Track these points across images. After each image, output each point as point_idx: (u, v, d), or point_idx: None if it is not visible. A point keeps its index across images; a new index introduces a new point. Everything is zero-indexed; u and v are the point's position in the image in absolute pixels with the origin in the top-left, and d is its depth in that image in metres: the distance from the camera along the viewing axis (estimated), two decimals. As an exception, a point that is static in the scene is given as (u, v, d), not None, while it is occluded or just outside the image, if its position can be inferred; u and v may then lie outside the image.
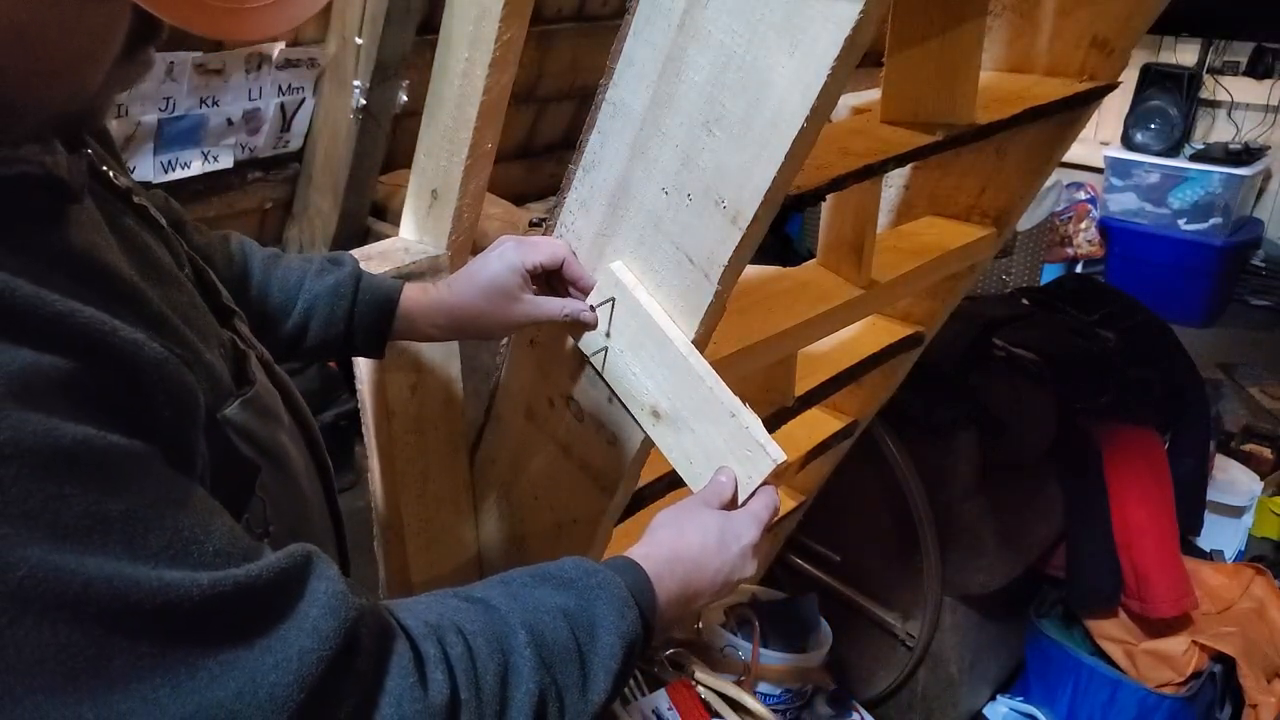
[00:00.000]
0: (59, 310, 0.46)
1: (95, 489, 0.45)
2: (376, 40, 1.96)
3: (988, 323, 1.97)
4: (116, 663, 0.44)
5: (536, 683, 0.60)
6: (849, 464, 1.73)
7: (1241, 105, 4.18)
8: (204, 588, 0.47)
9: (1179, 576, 1.96)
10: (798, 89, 0.70)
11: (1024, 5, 1.26)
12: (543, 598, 0.65)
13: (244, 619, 0.49)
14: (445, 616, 0.60)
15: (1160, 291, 3.59)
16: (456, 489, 1.23)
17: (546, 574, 0.68)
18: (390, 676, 0.54)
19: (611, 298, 0.91)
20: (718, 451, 0.85)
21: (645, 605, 0.68)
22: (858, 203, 1.13)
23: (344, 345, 0.94)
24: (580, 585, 0.66)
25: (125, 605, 0.44)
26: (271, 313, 0.91)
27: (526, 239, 0.93)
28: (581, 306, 0.92)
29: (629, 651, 0.65)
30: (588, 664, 0.63)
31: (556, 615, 0.63)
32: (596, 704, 0.63)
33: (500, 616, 0.62)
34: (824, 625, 1.78)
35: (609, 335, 0.92)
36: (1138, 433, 2.05)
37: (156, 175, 1.91)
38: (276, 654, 0.49)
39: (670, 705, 1.53)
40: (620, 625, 0.65)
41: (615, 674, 0.64)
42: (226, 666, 0.47)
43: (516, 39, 1.01)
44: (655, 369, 0.89)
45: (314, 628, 0.50)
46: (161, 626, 0.45)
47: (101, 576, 0.44)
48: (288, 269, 0.93)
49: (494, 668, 0.59)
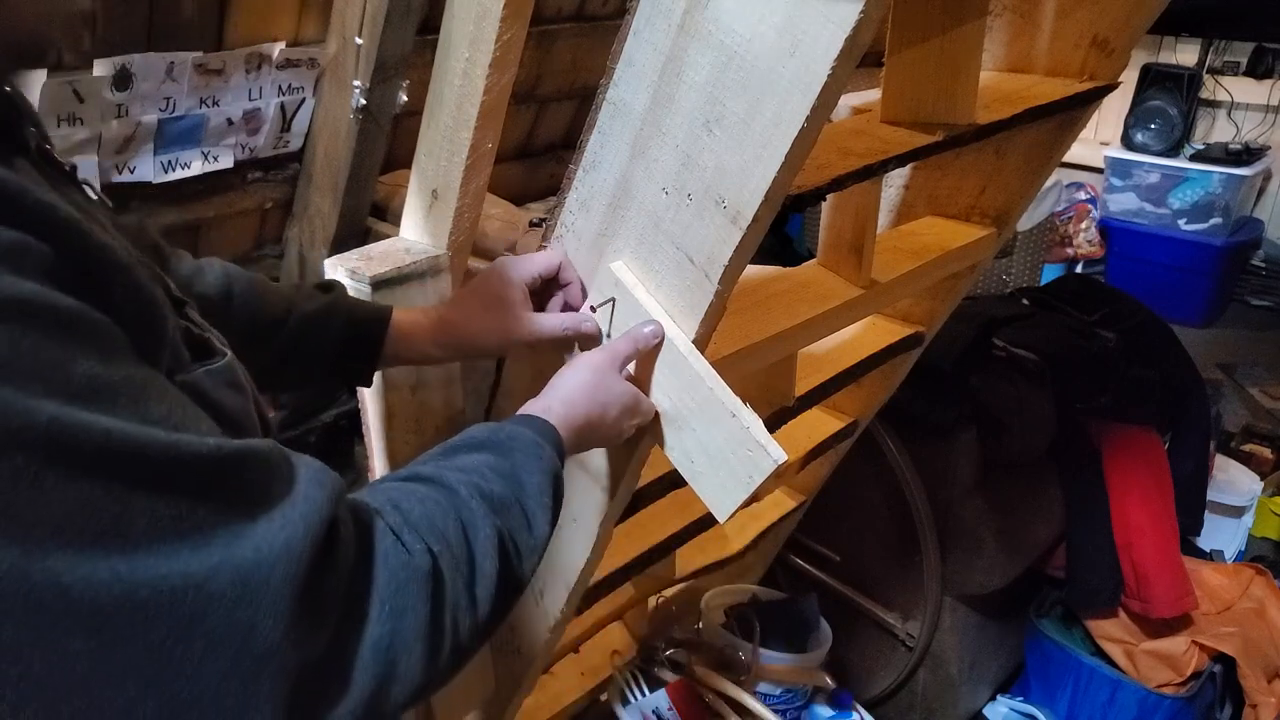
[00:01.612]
0: (41, 200, 0.47)
1: (94, 355, 0.46)
2: (376, 40, 1.96)
3: (988, 323, 1.97)
4: (139, 522, 0.45)
5: (492, 526, 0.66)
6: (849, 464, 1.73)
7: (1241, 105, 4.18)
8: (211, 448, 0.48)
9: (1179, 576, 1.97)
10: (798, 89, 0.70)
11: (1024, 5, 1.26)
12: (466, 461, 0.71)
13: (251, 482, 0.50)
14: (394, 492, 0.65)
15: (1160, 291, 3.60)
16: (456, 489, 1.23)
17: (459, 444, 0.73)
18: (375, 540, 0.58)
19: (612, 298, 0.91)
20: (718, 450, 0.85)
21: (552, 440, 0.76)
22: (858, 203, 1.13)
23: (332, 368, 0.93)
24: (494, 442, 0.73)
25: (144, 460, 0.45)
26: (259, 332, 0.88)
27: (523, 256, 0.95)
28: (582, 319, 0.93)
29: (555, 484, 0.73)
30: (525, 505, 0.70)
31: (484, 471, 0.69)
32: (542, 538, 0.71)
33: (439, 481, 0.67)
34: (824, 625, 1.78)
35: (609, 335, 0.92)
36: (1138, 433, 2.06)
37: (156, 175, 1.91)
38: (283, 516, 0.50)
39: (670, 705, 1.53)
40: (542, 462, 0.73)
41: (549, 507, 0.72)
42: (242, 526, 0.48)
43: (516, 39, 1.01)
44: (656, 368, 0.89)
45: (307, 494, 0.53)
46: (178, 484, 0.47)
47: (119, 430, 0.44)
48: (275, 291, 0.91)
49: (452, 522, 0.64)
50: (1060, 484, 2.04)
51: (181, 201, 2.01)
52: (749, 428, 0.83)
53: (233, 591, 0.47)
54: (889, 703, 2.04)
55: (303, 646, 0.50)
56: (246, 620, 0.47)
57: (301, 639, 0.50)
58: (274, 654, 0.48)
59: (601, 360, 0.85)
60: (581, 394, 0.83)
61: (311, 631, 0.51)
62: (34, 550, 0.42)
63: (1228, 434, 2.91)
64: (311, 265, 2.29)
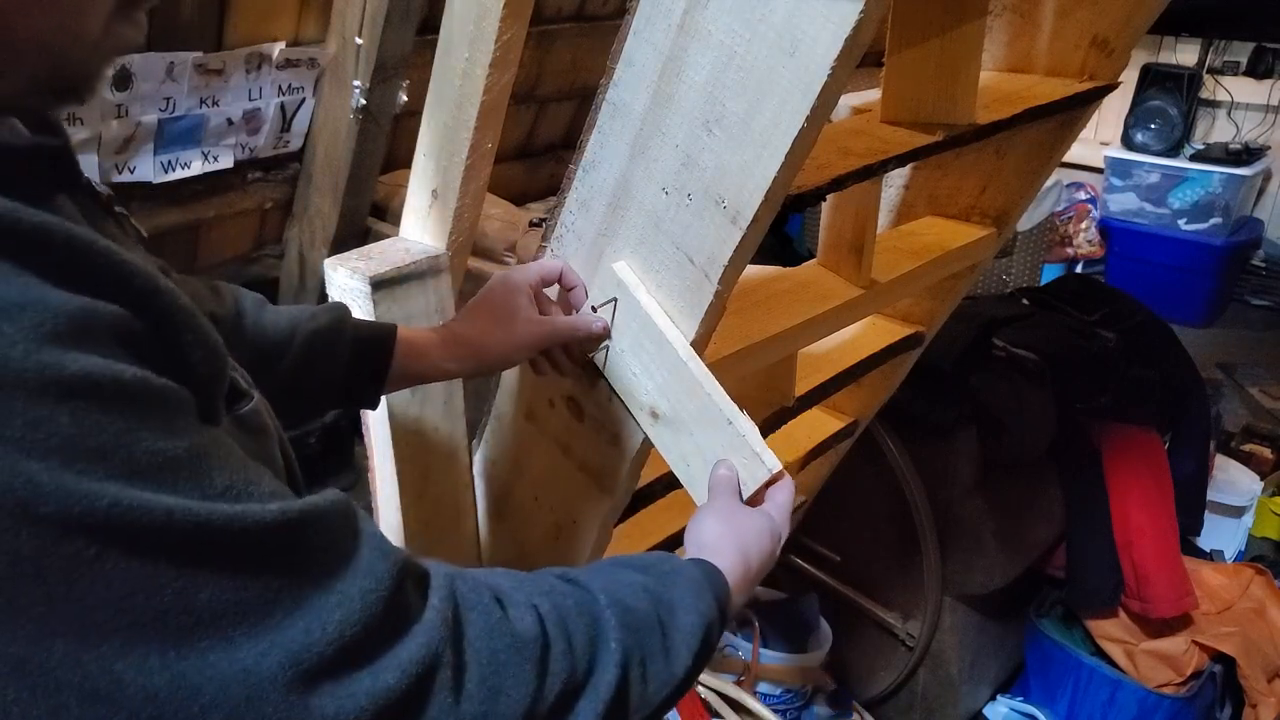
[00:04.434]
0: (109, 255, 0.46)
1: (157, 428, 0.45)
2: (376, 40, 1.96)
3: (988, 323, 1.97)
4: (200, 597, 0.43)
5: (621, 644, 0.59)
6: (849, 464, 1.73)
7: (1241, 105, 4.18)
8: (274, 514, 0.47)
9: (1179, 576, 1.96)
10: (798, 89, 0.70)
11: (1024, 5, 1.26)
12: (621, 575, 0.65)
13: (311, 550, 0.48)
14: (525, 582, 0.60)
15: (1160, 291, 3.59)
16: (456, 489, 1.23)
17: (621, 560, 0.69)
18: (472, 612, 0.54)
19: (614, 298, 0.91)
20: (714, 456, 0.85)
21: (719, 591, 0.70)
22: (858, 203, 1.13)
23: (341, 389, 0.91)
24: (657, 569, 0.67)
25: (206, 537, 0.44)
26: (265, 354, 0.86)
27: (525, 265, 0.95)
28: (591, 319, 0.92)
29: (708, 632, 0.66)
30: (669, 636, 0.63)
31: (637, 590, 0.64)
32: (679, 676, 0.63)
33: (582, 586, 0.62)
34: (824, 625, 1.78)
35: (610, 335, 0.92)
36: (1138, 433, 2.06)
37: (156, 175, 1.91)
38: (340, 591, 0.48)
39: (670, 705, 1.53)
40: (699, 605, 0.66)
41: (696, 651, 0.65)
42: (298, 603, 0.46)
43: (516, 39, 1.01)
44: (655, 370, 0.89)
45: (369, 568, 0.50)
46: (238, 560, 0.45)
47: (181, 509, 0.43)
48: (279, 312, 0.90)
49: (582, 626, 0.59)
50: (1060, 484, 2.04)
51: (181, 202, 2.01)
52: (745, 435, 0.83)
53: (283, 676, 0.45)
54: (889, 703, 2.04)
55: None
56: (300, 703, 0.45)
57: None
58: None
59: (722, 505, 0.81)
60: (723, 541, 0.76)
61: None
62: (90, 638, 0.41)
63: (1228, 434, 2.91)
64: (311, 265, 2.29)
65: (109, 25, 0.51)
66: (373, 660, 0.48)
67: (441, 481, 1.22)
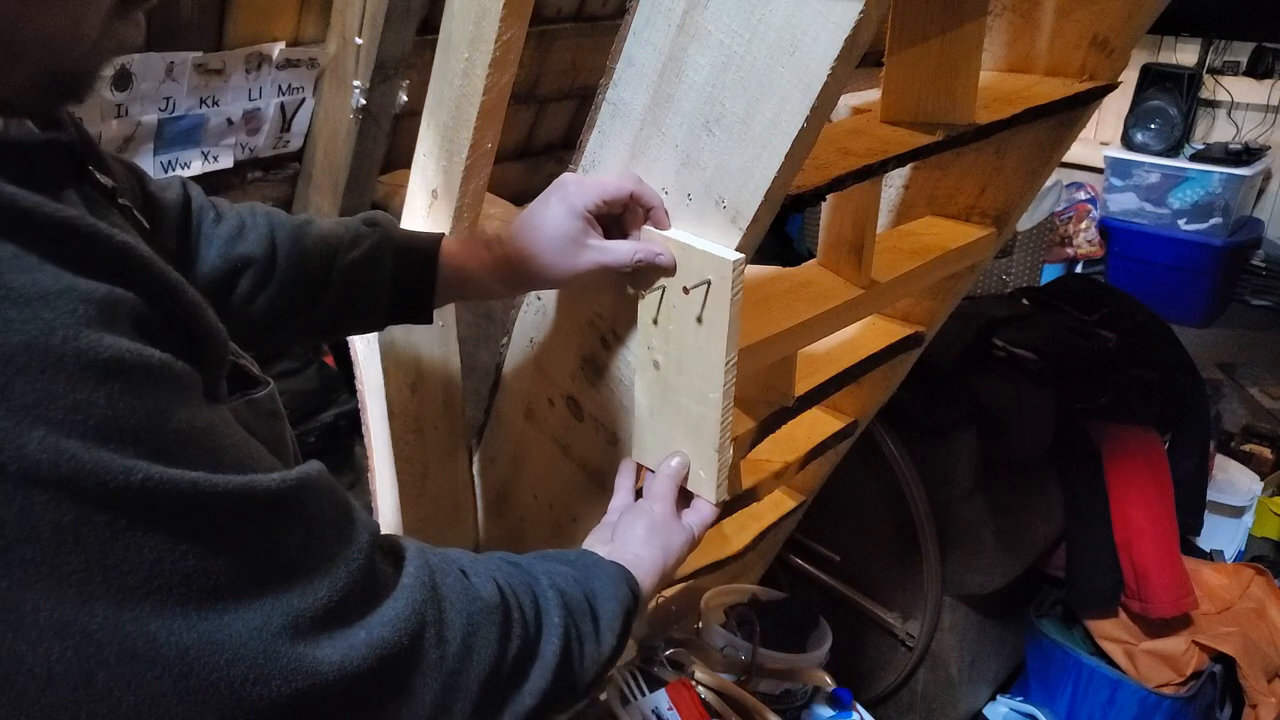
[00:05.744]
0: (125, 247, 0.49)
1: (180, 407, 0.48)
2: (376, 40, 1.96)
3: (988, 323, 1.97)
4: (218, 562, 0.47)
5: (563, 620, 0.68)
6: (849, 464, 1.72)
7: (1241, 105, 4.18)
8: (276, 482, 0.51)
9: (1179, 576, 1.96)
10: (798, 89, 0.70)
11: (1024, 5, 1.26)
12: (553, 566, 0.73)
13: (306, 516, 0.53)
14: (479, 560, 0.67)
15: (1160, 291, 3.60)
16: (456, 489, 1.23)
17: (550, 554, 0.77)
18: (447, 578, 0.61)
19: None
20: (680, 438, 0.90)
21: (634, 586, 0.78)
22: (858, 203, 1.13)
23: (387, 312, 0.92)
24: (581, 563, 0.76)
25: (222, 505, 0.47)
26: (305, 288, 0.88)
27: (587, 178, 0.87)
28: (656, 249, 0.83)
29: (627, 618, 0.75)
30: (598, 618, 0.72)
31: (568, 578, 0.72)
32: (606, 654, 0.71)
33: (525, 569, 0.70)
34: (824, 625, 1.78)
35: (675, 271, 0.85)
36: (1138, 433, 2.05)
37: (156, 175, 1.90)
38: (331, 553, 0.53)
39: (670, 705, 1.53)
40: (618, 594, 0.75)
41: (618, 633, 0.73)
42: (297, 565, 0.51)
43: (516, 39, 1.01)
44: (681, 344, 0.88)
45: (352, 534, 0.56)
46: (249, 524, 0.49)
47: (204, 481, 0.47)
48: (317, 240, 0.89)
49: (530, 601, 0.67)
50: (1060, 484, 2.04)
51: (181, 201, 2.01)
52: (714, 445, 0.87)
53: (289, 630, 0.49)
54: (889, 703, 2.04)
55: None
56: (309, 654, 0.50)
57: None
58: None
59: (660, 512, 0.88)
60: (648, 546, 0.85)
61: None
62: (126, 600, 0.44)
63: (1228, 434, 2.91)
64: (311, 265, 2.28)
65: (108, 25, 0.52)
66: (364, 616, 0.53)
67: (440, 480, 1.22)
